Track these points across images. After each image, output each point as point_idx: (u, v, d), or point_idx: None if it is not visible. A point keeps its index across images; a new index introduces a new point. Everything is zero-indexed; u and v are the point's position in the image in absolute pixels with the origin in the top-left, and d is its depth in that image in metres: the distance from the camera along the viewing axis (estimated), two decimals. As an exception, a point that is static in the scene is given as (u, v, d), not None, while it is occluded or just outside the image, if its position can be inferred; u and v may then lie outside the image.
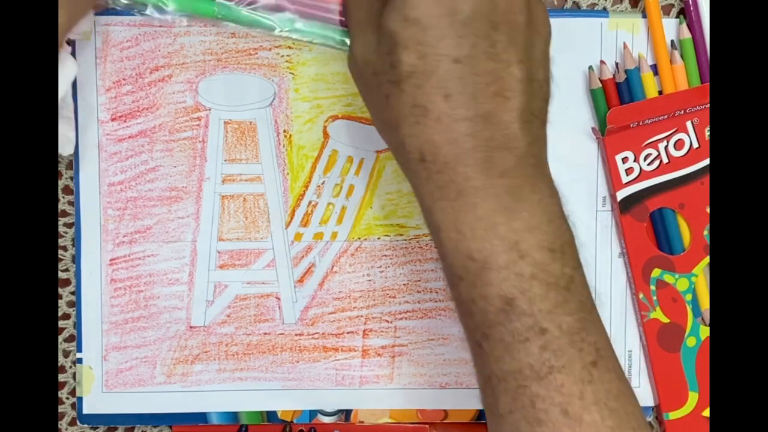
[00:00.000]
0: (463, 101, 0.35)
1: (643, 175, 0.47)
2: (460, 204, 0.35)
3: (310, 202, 0.48)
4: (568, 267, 0.36)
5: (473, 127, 0.35)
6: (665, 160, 0.47)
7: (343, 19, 0.42)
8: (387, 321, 0.48)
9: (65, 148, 0.46)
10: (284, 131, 0.48)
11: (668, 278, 0.48)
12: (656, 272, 0.47)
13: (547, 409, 0.35)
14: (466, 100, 0.35)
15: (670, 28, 0.47)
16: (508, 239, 0.35)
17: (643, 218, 0.47)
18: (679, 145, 0.47)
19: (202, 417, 0.49)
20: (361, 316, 0.48)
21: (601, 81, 0.47)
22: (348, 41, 0.41)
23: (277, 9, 0.42)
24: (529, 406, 0.36)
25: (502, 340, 0.36)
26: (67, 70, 0.44)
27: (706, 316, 0.48)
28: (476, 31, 0.35)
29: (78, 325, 0.48)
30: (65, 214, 0.49)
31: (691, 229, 0.48)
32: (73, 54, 0.47)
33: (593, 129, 0.48)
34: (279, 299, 0.48)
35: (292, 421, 0.49)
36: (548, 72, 0.38)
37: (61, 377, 0.49)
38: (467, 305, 0.37)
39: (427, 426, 0.49)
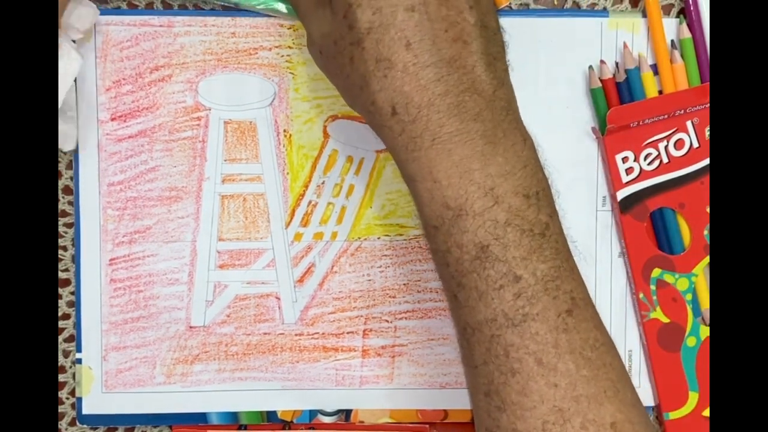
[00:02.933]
0: (425, 48, 0.35)
1: (643, 175, 0.47)
2: (435, 151, 0.36)
3: (310, 202, 0.48)
4: (543, 214, 0.36)
5: (439, 72, 0.36)
6: (665, 159, 0.47)
7: None
8: (387, 321, 0.48)
9: (66, 144, 0.46)
10: (284, 131, 0.48)
11: (668, 278, 0.48)
12: (656, 272, 0.47)
13: (520, 358, 0.35)
14: (428, 46, 0.35)
15: (670, 27, 0.47)
16: (484, 185, 0.35)
17: (643, 218, 0.47)
18: (679, 144, 0.47)
19: (201, 417, 0.49)
20: (361, 316, 0.48)
21: (601, 80, 0.47)
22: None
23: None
24: (503, 355, 0.36)
25: (476, 289, 0.36)
26: (72, 62, 0.43)
27: (706, 316, 0.48)
28: None
29: (78, 325, 0.48)
30: (65, 214, 0.49)
31: (691, 229, 0.47)
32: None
33: (593, 128, 0.48)
34: (279, 299, 0.48)
35: (292, 421, 0.49)
36: (498, 21, 0.38)
37: (61, 377, 0.49)
38: (443, 255, 0.37)
39: (427, 426, 0.49)
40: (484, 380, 0.37)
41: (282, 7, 0.46)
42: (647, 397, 0.49)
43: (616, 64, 0.47)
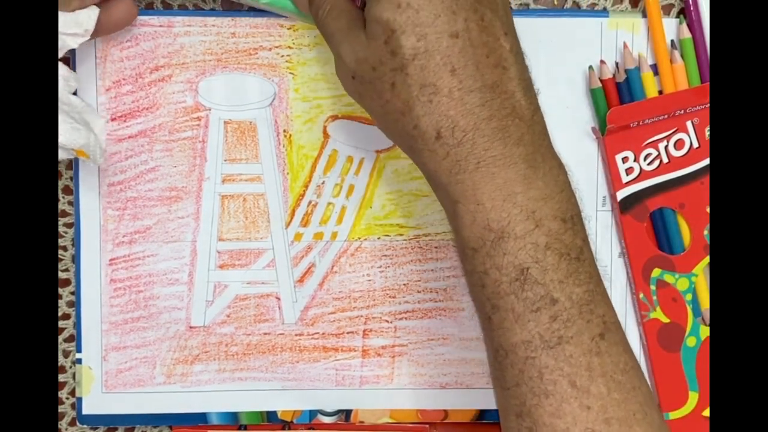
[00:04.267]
0: (468, 73, 0.36)
1: (643, 175, 0.47)
2: (479, 175, 0.36)
3: (310, 202, 0.48)
4: (578, 238, 0.37)
5: (484, 97, 0.36)
6: (665, 159, 0.47)
7: None
8: (387, 321, 0.48)
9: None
10: (284, 131, 0.48)
11: (668, 278, 0.48)
12: (656, 272, 0.47)
13: (555, 380, 0.36)
14: (472, 72, 0.36)
15: (670, 27, 0.47)
16: (526, 208, 0.36)
17: (643, 218, 0.47)
18: (679, 144, 0.47)
19: (201, 417, 0.49)
20: (361, 316, 0.48)
21: (601, 81, 0.47)
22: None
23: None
24: (536, 377, 0.36)
25: (512, 311, 0.36)
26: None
27: (706, 316, 0.48)
28: (465, 5, 0.36)
29: (78, 325, 0.48)
30: (65, 214, 0.49)
31: (691, 229, 0.47)
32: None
33: (593, 129, 0.48)
34: (279, 299, 0.48)
35: (292, 421, 0.49)
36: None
37: (61, 377, 0.49)
38: (479, 277, 0.37)
39: (427, 426, 0.49)
40: (515, 402, 0.37)
41: (289, 6, 0.46)
42: (647, 397, 0.49)
43: (616, 64, 0.47)
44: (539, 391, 0.36)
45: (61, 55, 0.43)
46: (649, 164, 0.47)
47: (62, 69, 0.44)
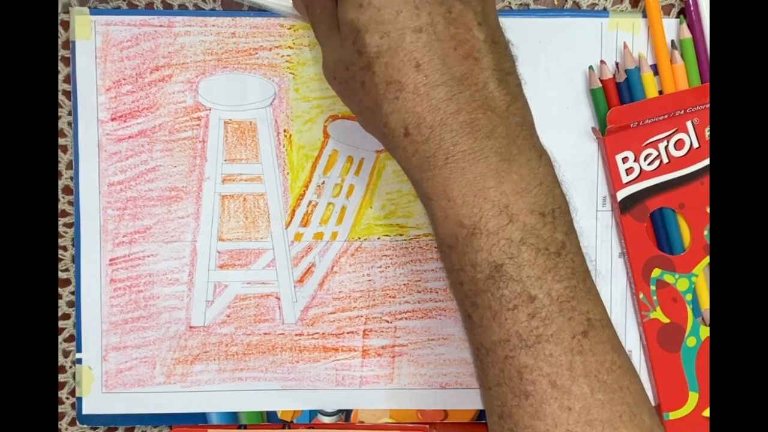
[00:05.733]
0: (434, 67, 0.35)
1: (643, 175, 0.47)
2: (448, 170, 0.36)
3: (310, 202, 0.48)
4: (559, 232, 0.36)
5: (451, 91, 0.35)
6: (665, 160, 0.47)
7: None
8: (387, 321, 0.48)
9: None
10: (284, 131, 0.48)
11: (668, 278, 0.48)
12: (656, 272, 0.47)
13: (534, 380, 0.35)
14: (437, 66, 0.35)
15: (670, 28, 0.47)
16: (498, 203, 0.35)
17: (643, 218, 0.47)
18: (679, 145, 0.47)
19: (201, 417, 0.49)
20: (361, 316, 0.48)
21: (601, 81, 0.47)
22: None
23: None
24: (516, 377, 0.35)
25: (489, 308, 0.36)
26: None
27: (706, 316, 0.48)
28: None
29: (78, 325, 0.48)
30: (65, 214, 0.49)
31: (691, 229, 0.48)
32: (73, 55, 0.47)
33: (593, 129, 0.48)
34: (279, 299, 0.48)
35: (292, 421, 0.49)
36: (505, 37, 0.38)
37: (61, 377, 0.49)
38: (457, 274, 0.37)
39: (427, 426, 0.49)
40: (497, 402, 0.36)
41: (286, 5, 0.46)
42: (647, 397, 0.48)
43: (617, 64, 0.47)
44: (519, 392, 0.35)
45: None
46: (649, 164, 0.47)
47: None
